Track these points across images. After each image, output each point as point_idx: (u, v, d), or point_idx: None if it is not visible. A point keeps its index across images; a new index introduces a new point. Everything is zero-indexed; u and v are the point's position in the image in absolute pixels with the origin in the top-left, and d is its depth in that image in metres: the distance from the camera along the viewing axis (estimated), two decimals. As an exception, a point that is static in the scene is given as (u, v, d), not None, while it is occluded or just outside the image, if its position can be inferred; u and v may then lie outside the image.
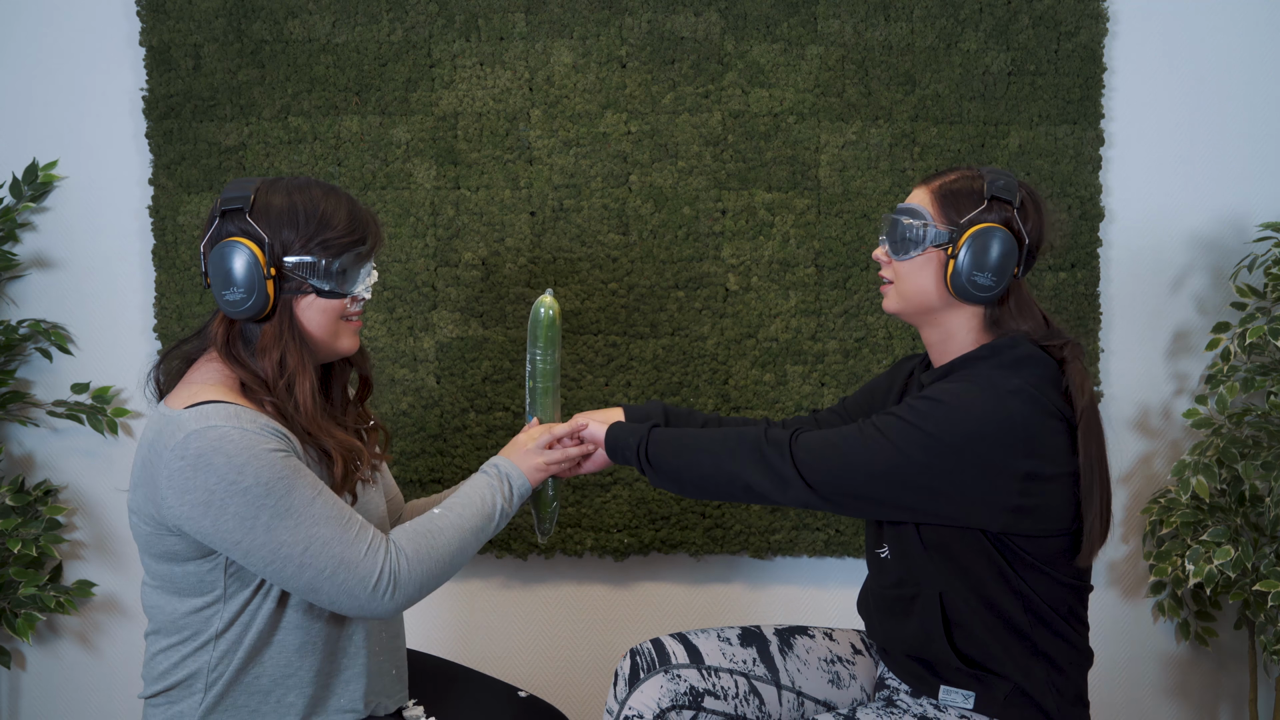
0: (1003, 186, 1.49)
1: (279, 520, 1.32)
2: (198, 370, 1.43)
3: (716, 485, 1.51)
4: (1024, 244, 1.48)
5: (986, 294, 1.46)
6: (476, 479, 1.55)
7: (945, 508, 1.43)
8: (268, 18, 2.23)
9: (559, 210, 2.26)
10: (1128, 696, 2.38)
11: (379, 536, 1.39)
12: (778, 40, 2.24)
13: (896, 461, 1.41)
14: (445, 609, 2.37)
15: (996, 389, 1.41)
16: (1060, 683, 1.47)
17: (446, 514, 1.48)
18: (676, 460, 1.54)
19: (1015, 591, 1.46)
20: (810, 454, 1.46)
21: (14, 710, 2.40)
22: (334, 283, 1.42)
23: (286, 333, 1.41)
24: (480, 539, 1.50)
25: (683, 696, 1.53)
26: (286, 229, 1.40)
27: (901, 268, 1.53)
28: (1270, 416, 2.17)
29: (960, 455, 1.40)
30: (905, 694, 1.55)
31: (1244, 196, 2.31)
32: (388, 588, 1.37)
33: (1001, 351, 1.47)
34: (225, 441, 1.31)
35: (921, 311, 1.53)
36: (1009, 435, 1.40)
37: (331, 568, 1.34)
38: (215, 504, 1.31)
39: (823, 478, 1.44)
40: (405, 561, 1.39)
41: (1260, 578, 2.10)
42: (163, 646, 1.43)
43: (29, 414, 2.34)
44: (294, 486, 1.33)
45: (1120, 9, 2.28)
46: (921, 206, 1.52)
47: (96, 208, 2.31)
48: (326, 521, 1.35)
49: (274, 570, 1.34)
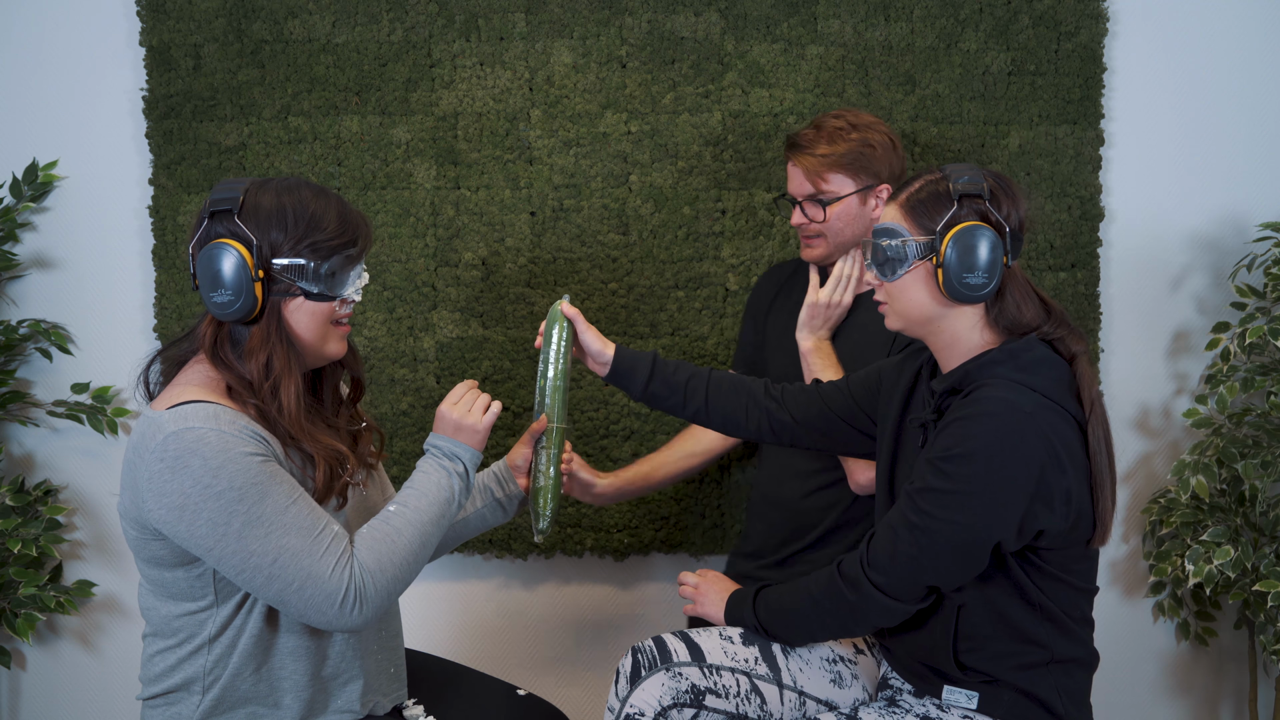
0: (967, 182, 1.47)
1: (250, 528, 1.31)
2: (186, 372, 1.42)
3: (836, 636, 1.60)
4: (1005, 231, 1.46)
5: (982, 292, 1.45)
6: (425, 464, 1.51)
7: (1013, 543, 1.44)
8: (268, 18, 2.23)
9: (559, 210, 2.26)
10: (1128, 696, 2.38)
11: (347, 551, 1.36)
12: (778, 40, 2.24)
13: (962, 538, 1.42)
14: (445, 609, 2.37)
15: (1016, 414, 1.40)
16: (1068, 685, 1.47)
17: (403, 510, 1.44)
18: (791, 635, 1.60)
19: (1032, 603, 1.46)
20: (888, 575, 1.47)
21: (14, 710, 2.40)
22: (323, 285, 1.40)
23: (274, 335, 1.39)
24: (441, 527, 1.47)
25: (684, 694, 1.53)
26: (275, 230, 1.38)
27: (893, 288, 1.52)
28: (1270, 416, 2.17)
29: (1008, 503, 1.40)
30: (908, 694, 1.55)
31: (1243, 196, 2.31)
32: (355, 605, 1.34)
33: (1018, 355, 1.46)
34: (202, 444, 1.30)
35: (923, 323, 1.52)
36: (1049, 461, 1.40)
37: (299, 581, 1.32)
38: (190, 508, 1.30)
39: (910, 590, 1.47)
40: (370, 578, 1.36)
41: (1260, 578, 2.10)
42: (159, 649, 1.43)
43: (29, 414, 2.34)
44: (267, 493, 1.32)
45: (1120, 9, 2.28)
46: (895, 224, 1.51)
47: (96, 208, 2.31)
48: (298, 532, 1.33)
49: (245, 579, 1.34)
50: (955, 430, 1.43)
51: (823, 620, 1.55)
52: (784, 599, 1.59)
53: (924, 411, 1.55)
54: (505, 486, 1.72)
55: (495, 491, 1.72)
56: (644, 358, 1.76)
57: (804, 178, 1.93)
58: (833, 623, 1.54)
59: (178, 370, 1.45)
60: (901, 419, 1.62)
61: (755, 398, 1.77)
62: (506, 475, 1.73)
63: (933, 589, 1.48)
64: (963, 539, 1.42)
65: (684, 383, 1.77)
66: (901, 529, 1.46)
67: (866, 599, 1.48)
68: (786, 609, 1.58)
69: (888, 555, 1.46)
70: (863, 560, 1.49)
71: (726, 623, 1.65)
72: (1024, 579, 1.45)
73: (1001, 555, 1.45)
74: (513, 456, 1.73)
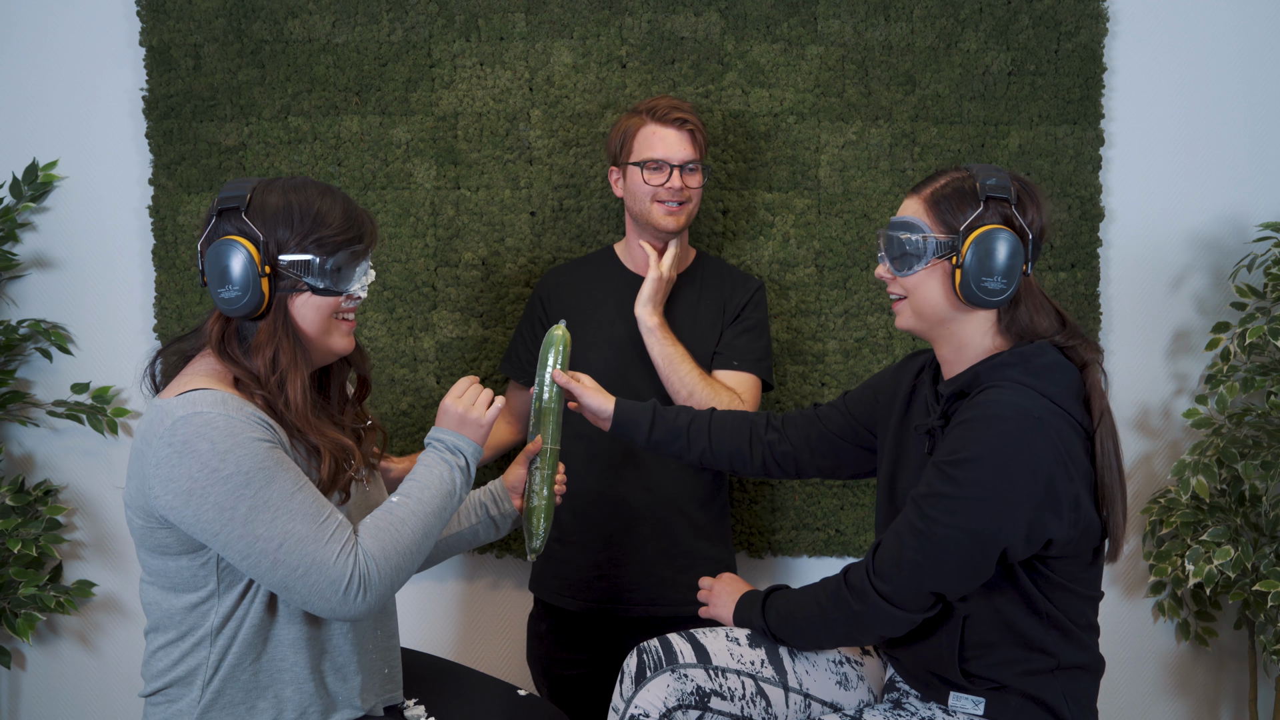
0: (996, 184, 1.44)
1: (256, 513, 1.32)
2: (193, 365, 1.44)
3: (843, 644, 1.58)
4: (1028, 239, 1.44)
5: (999, 298, 1.43)
6: (428, 457, 1.51)
7: (1021, 552, 1.41)
8: (268, 18, 2.23)
9: (559, 210, 2.26)
10: (1128, 696, 2.38)
11: (352, 539, 1.37)
12: (778, 40, 2.24)
13: (968, 543, 1.39)
14: (445, 609, 2.37)
15: (1025, 419, 1.38)
16: (1074, 691, 1.46)
17: (406, 501, 1.45)
18: (798, 641, 1.59)
19: (1040, 613, 1.45)
20: (894, 584, 1.44)
21: (14, 710, 2.40)
22: (329, 281, 1.42)
23: (280, 330, 1.41)
24: (443, 519, 1.48)
25: (689, 696, 1.53)
26: (282, 227, 1.40)
27: (908, 283, 1.49)
28: (1270, 416, 2.17)
29: (1015, 508, 1.38)
30: (914, 697, 1.54)
31: (1244, 196, 2.31)
32: (359, 591, 1.36)
33: (1029, 359, 1.43)
34: (210, 428, 1.31)
35: (936, 324, 1.50)
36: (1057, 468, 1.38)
37: (305, 567, 1.33)
38: (197, 492, 1.31)
39: (916, 599, 1.44)
40: (374, 565, 1.37)
41: (1260, 578, 2.10)
42: (161, 644, 1.44)
43: (29, 414, 2.34)
44: (274, 478, 1.33)
45: (1120, 9, 2.28)
46: (917, 218, 1.47)
47: (96, 208, 2.31)
48: (304, 518, 1.34)
49: (250, 565, 1.34)
50: (962, 434, 1.41)
51: (829, 629, 1.53)
52: (792, 605, 1.58)
53: (929, 417, 1.53)
54: (500, 505, 1.72)
55: (490, 509, 1.72)
56: (644, 409, 1.77)
57: (690, 145, 1.99)
58: (839, 632, 1.53)
59: (184, 365, 1.46)
60: (901, 425, 1.60)
61: (757, 433, 1.77)
62: (502, 494, 1.73)
63: (939, 599, 1.45)
64: (969, 544, 1.39)
65: (685, 428, 1.77)
66: (907, 535, 1.43)
67: (873, 609, 1.46)
68: (794, 616, 1.57)
69: (893, 563, 1.44)
70: (868, 569, 1.47)
71: (735, 624, 1.65)
72: (1031, 589, 1.44)
73: (1009, 566, 1.43)
74: (509, 476, 1.74)
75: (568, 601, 2.06)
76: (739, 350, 2.04)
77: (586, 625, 2.07)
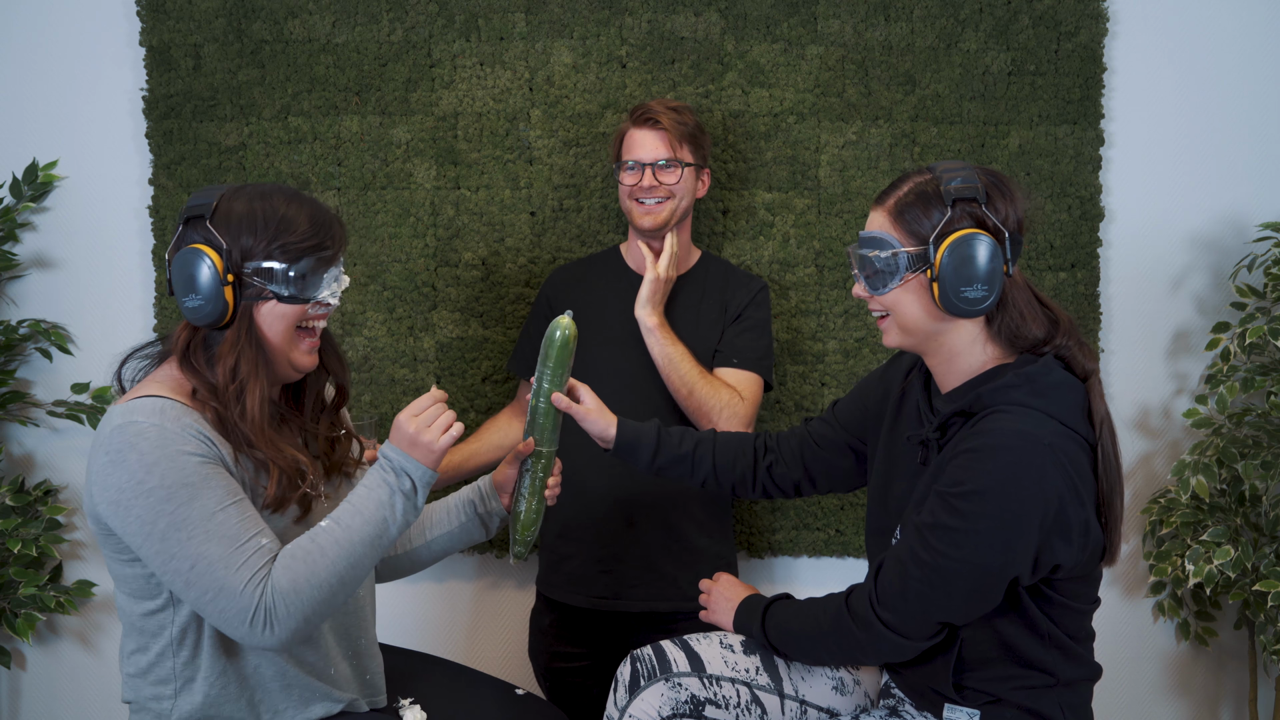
0: (961, 184, 1.36)
1: (174, 531, 1.30)
2: (157, 372, 1.43)
3: (843, 665, 1.58)
4: (1003, 237, 1.36)
5: (981, 305, 1.36)
6: (371, 476, 1.42)
7: (1028, 578, 1.38)
8: (268, 18, 2.23)
9: (559, 210, 2.26)
10: (1128, 696, 2.38)
11: (266, 569, 1.32)
12: (778, 40, 2.24)
13: (975, 576, 1.35)
14: (443, 609, 2.37)
15: (1034, 447, 1.32)
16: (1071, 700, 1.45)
17: (334, 528, 1.37)
18: (797, 656, 1.56)
19: (1041, 634, 1.42)
20: (899, 614, 1.40)
21: (14, 710, 2.40)
22: (294, 288, 1.40)
23: (244, 339, 1.39)
24: (377, 548, 1.39)
25: (683, 705, 1.51)
26: (246, 235, 1.39)
27: (886, 300, 1.43)
28: (1270, 416, 2.17)
29: (1022, 539, 1.33)
30: (909, 705, 1.53)
31: (1244, 196, 2.31)
32: (265, 625, 1.31)
33: (1035, 379, 1.36)
34: (141, 439, 1.30)
35: (924, 339, 1.44)
36: (1068, 494, 1.33)
37: (213, 592, 1.30)
38: (123, 504, 1.30)
39: (922, 628, 1.40)
40: (281, 600, 1.31)
41: (1260, 578, 2.10)
42: (131, 649, 1.44)
43: (29, 414, 2.34)
44: (197, 495, 1.31)
45: (1120, 9, 2.28)
46: (884, 232, 1.40)
47: (96, 208, 2.31)
48: (220, 540, 1.30)
49: (169, 582, 1.32)
50: (967, 463, 1.34)
51: (830, 650, 1.51)
52: (792, 622, 1.54)
53: (922, 427, 1.49)
54: (487, 503, 1.67)
55: (477, 506, 1.67)
56: (647, 431, 1.72)
57: (662, 142, 2.00)
58: (841, 654, 1.50)
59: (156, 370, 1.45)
60: (892, 433, 1.57)
61: (756, 456, 1.75)
62: (490, 491, 1.68)
63: (944, 625, 1.42)
64: (976, 577, 1.34)
65: (690, 453, 1.74)
66: (912, 566, 1.38)
67: (877, 638, 1.42)
68: (794, 632, 1.54)
69: (898, 593, 1.40)
70: (871, 598, 1.42)
71: (735, 630, 1.62)
72: (1034, 611, 1.40)
73: (1014, 589, 1.39)
74: (497, 475, 1.69)
75: (571, 596, 2.06)
76: (740, 348, 2.05)
77: (589, 620, 2.07)
